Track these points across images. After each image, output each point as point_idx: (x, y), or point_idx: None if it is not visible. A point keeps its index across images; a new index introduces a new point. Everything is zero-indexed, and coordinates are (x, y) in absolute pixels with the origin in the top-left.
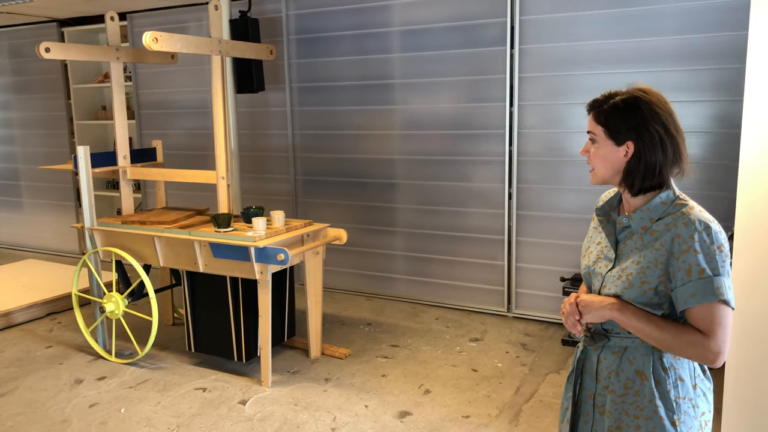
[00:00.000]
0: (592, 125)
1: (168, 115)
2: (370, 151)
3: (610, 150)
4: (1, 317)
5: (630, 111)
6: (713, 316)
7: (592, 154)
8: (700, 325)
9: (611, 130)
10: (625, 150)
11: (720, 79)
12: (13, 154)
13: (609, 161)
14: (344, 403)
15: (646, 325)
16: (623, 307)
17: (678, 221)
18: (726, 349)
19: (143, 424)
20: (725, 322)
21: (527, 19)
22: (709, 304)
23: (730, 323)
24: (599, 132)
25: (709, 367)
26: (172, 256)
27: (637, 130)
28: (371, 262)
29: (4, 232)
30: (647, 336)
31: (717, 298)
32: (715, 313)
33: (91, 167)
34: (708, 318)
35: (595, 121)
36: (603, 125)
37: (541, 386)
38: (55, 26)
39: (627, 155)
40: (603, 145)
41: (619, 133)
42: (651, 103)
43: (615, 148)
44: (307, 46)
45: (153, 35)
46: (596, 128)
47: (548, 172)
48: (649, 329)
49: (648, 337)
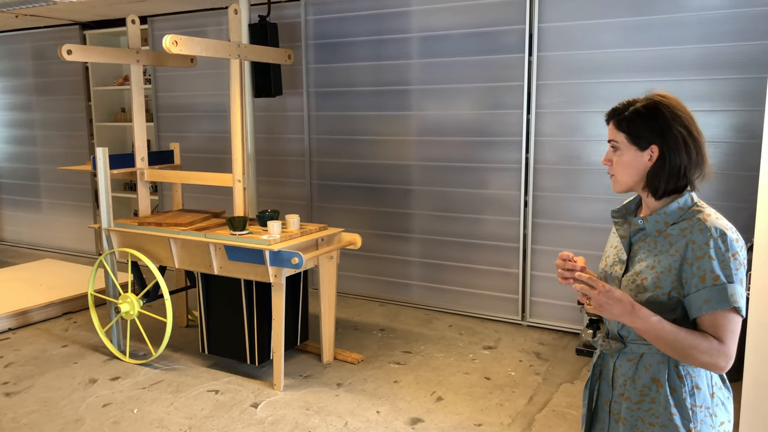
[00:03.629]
0: (614, 133)
1: (186, 118)
2: (386, 156)
3: (634, 156)
4: (18, 316)
5: (652, 115)
6: (726, 323)
7: (615, 163)
8: (714, 331)
9: (634, 135)
10: (649, 154)
11: (741, 88)
12: (33, 155)
13: (633, 167)
14: (356, 408)
15: (660, 330)
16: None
17: (694, 227)
18: (734, 356)
19: (156, 425)
20: (736, 330)
21: (546, 26)
22: (723, 312)
23: (739, 330)
24: (621, 139)
25: (716, 373)
26: (187, 258)
27: (660, 134)
28: (385, 268)
29: (23, 232)
30: (659, 340)
31: (731, 305)
32: (728, 320)
33: (109, 169)
34: (721, 325)
35: (616, 129)
36: (625, 132)
37: (554, 396)
38: (77, 29)
39: (651, 159)
40: (626, 151)
41: (642, 138)
42: (672, 106)
43: (639, 153)
44: (325, 52)
45: (173, 38)
46: (618, 135)
47: (565, 181)
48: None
49: (661, 342)
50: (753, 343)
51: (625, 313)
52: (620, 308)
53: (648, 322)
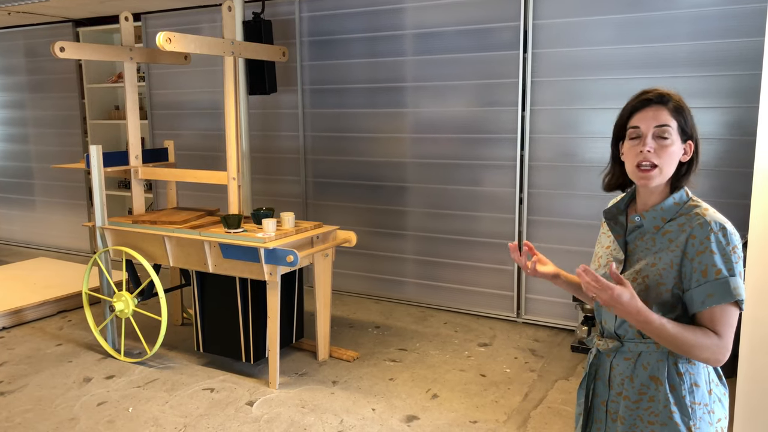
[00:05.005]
0: (666, 118)
1: (180, 115)
2: (381, 154)
3: (679, 148)
4: (12, 314)
5: (689, 111)
6: (726, 317)
7: (663, 152)
8: (713, 326)
9: (682, 126)
10: (685, 149)
11: (734, 85)
12: (26, 153)
13: (675, 159)
14: (351, 405)
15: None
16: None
17: (693, 222)
18: (731, 348)
19: (150, 424)
20: (734, 323)
21: (540, 23)
22: (725, 305)
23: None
24: (675, 127)
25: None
26: (182, 256)
27: (694, 129)
28: (380, 265)
29: (16, 230)
30: (663, 337)
31: (734, 298)
32: (728, 314)
33: (103, 166)
34: (722, 319)
35: (671, 116)
36: (677, 120)
37: (549, 392)
38: (70, 26)
39: (687, 154)
40: (676, 141)
41: (685, 131)
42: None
43: (681, 146)
44: (320, 49)
45: (166, 35)
46: (672, 122)
47: (560, 178)
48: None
49: (665, 339)
50: (747, 339)
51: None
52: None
53: (651, 324)
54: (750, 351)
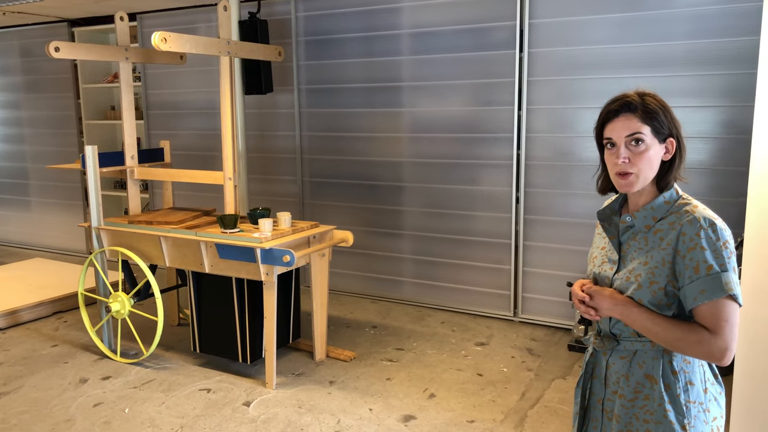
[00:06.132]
0: (638, 125)
1: (176, 115)
2: (377, 153)
3: (658, 150)
4: (7, 315)
5: (665, 108)
6: (721, 312)
7: (639, 158)
8: (708, 322)
9: (656, 128)
10: (666, 147)
11: (730, 84)
12: (22, 153)
13: (655, 162)
14: (348, 405)
15: (651, 323)
16: (628, 305)
17: (683, 219)
18: (734, 346)
19: (147, 424)
20: (733, 319)
21: (537, 22)
22: (718, 301)
23: (738, 320)
24: (648, 132)
25: (717, 365)
26: (178, 257)
27: (675, 126)
28: (377, 265)
29: (12, 231)
30: (653, 334)
31: (726, 293)
32: (723, 309)
33: (99, 167)
34: (716, 314)
35: (641, 121)
36: (650, 124)
37: (546, 392)
38: (65, 26)
39: (669, 152)
40: (652, 145)
41: (662, 131)
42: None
43: (660, 146)
44: (316, 48)
45: (162, 35)
46: (644, 128)
47: (556, 177)
48: (654, 328)
49: (654, 336)
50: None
51: (617, 305)
52: (610, 303)
53: (637, 316)
54: (746, 350)
